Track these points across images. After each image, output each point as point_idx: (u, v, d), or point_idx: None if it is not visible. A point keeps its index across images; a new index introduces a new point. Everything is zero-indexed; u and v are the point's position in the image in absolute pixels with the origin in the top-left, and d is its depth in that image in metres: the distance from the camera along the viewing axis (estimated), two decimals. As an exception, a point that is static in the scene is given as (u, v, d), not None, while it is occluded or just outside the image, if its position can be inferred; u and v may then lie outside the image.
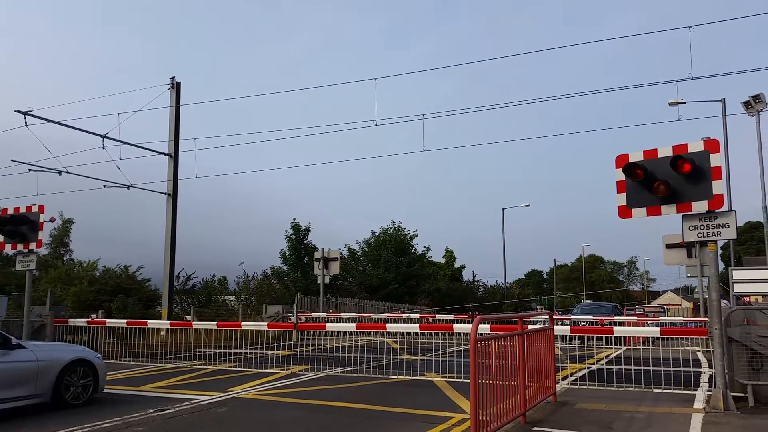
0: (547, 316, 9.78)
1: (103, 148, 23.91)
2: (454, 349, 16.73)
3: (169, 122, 26.88)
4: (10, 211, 15.30)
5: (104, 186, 25.39)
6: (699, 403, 9.08)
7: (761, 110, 23.44)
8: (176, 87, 26.92)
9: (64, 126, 23.83)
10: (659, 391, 10.30)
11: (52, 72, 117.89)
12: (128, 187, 25.69)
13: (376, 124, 20.83)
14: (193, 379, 12.67)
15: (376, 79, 20.20)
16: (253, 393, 10.76)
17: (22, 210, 15.06)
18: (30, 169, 24.10)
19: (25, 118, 22.31)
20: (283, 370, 13.69)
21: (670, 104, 22.58)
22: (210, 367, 14.61)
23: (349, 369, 13.56)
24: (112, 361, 15.41)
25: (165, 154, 26.70)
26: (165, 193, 26.54)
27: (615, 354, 14.73)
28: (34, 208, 14.95)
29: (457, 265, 55.15)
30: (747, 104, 23.52)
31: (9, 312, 20.02)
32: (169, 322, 16.96)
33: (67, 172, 24.14)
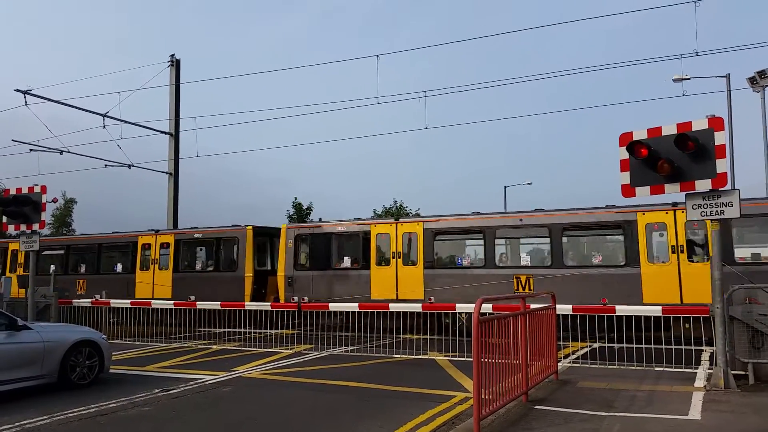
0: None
1: (104, 127, 23.90)
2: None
3: (169, 101, 26.77)
4: (13, 192, 15.32)
5: (105, 165, 25.45)
6: (700, 382, 9.14)
7: (767, 86, 23.21)
8: (176, 64, 26.74)
9: (65, 105, 23.78)
10: (660, 369, 10.36)
11: (51, 50, 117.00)
12: (129, 166, 25.71)
13: (378, 102, 20.76)
14: (198, 358, 12.79)
15: (377, 55, 20.06)
16: (258, 372, 10.85)
17: (25, 191, 15.06)
18: (31, 149, 24.13)
19: (24, 97, 22.28)
20: (288, 349, 13.79)
21: (675, 80, 22.42)
22: (214, 346, 14.72)
23: (352, 348, 13.66)
24: (117, 341, 15.53)
25: (166, 133, 26.65)
26: (166, 173, 26.54)
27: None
28: (37, 189, 14.95)
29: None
30: (752, 80, 23.28)
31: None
32: (173, 302, 17.04)
33: (68, 152, 24.16)
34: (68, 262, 23.68)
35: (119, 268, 22.37)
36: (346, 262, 18.39)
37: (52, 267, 22.69)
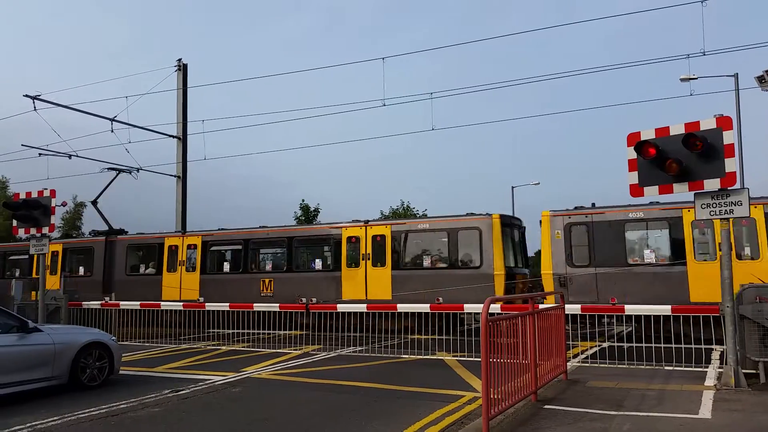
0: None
1: (112, 131, 24.11)
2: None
3: (176, 105, 26.92)
4: (23, 196, 15.44)
5: (112, 169, 25.52)
6: (710, 380, 9.10)
7: (775, 84, 23.03)
8: (183, 69, 26.90)
9: (73, 110, 23.94)
10: (670, 368, 10.32)
11: (60, 55, 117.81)
12: (137, 170, 25.82)
13: (384, 104, 20.73)
14: (207, 359, 12.84)
15: (383, 58, 20.06)
16: (267, 373, 10.89)
17: (34, 195, 15.18)
18: (40, 154, 24.31)
19: (33, 102, 22.47)
20: (296, 350, 13.83)
21: (682, 80, 22.27)
22: (223, 347, 14.78)
23: (360, 348, 13.67)
24: (127, 343, 15.61)
25: (173, 137, 26.79)
26: (174, 176, 26.67)
27: (626, 331, 14.78)
28: (46, 193, 15.07)
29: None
30: (761, 79, 23.11)
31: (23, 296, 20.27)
32: (182, 303, 17.12)
33: (77, 156, 24.34)
34: (247, 256, 20.77)
35: (318, 264, 19.71)
36: (648, 257, 15.06)
37: (226, 264, 21.04)
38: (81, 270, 23.66)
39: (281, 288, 19.40)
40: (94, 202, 25.00)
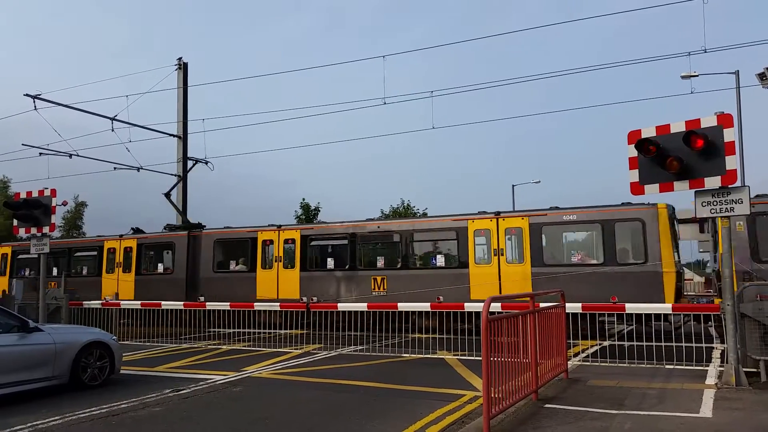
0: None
1: (112, 130, 24.05)
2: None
3: (177, 103, 26.90)
4: (23, 195, 15.44)
5: (114, 168, 25.57)
6: (711, 379, 9.08)
7: (776, 82, 22.99)
8: (183, 68, 26.88)
9: (73, 109, 23.93)
10: (671, 367, 10.31)
11: (60, 55, 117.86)
12: (138, 169, 25.82)
13: (385, 103, 20.70)
14: (208, 359, 12.84)
15: (383, 56, 20.04)
16: (267, 372, 10.89)
17: (35, 194, 15.17)
18: (41, 153, 24.27)
19: (34, 101, 22.43)
20: (297, 349, 13.83)
21: (683, 77, 22.24)
22: (224, 346, 14.78)
23: (361, 347, 13.67)
24: (127, 343, 15.62)
25: (174, 136, 26.78)
26: (175, 175, 26.65)
27: (627, 330, 14.76)
28: (47, 192, 15.06)
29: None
30: (762, 76, 23.07)
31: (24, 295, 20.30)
32: (182, 303, 17.12)
33: (78, 155, 24.30)
34: (354, 251, 19.14)
35: (439, 261, 18.13)
36: None
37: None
38: (159, 267, 22.08)
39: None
40: (167, 195, 24.25)
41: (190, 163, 25.32)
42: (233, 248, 21.16)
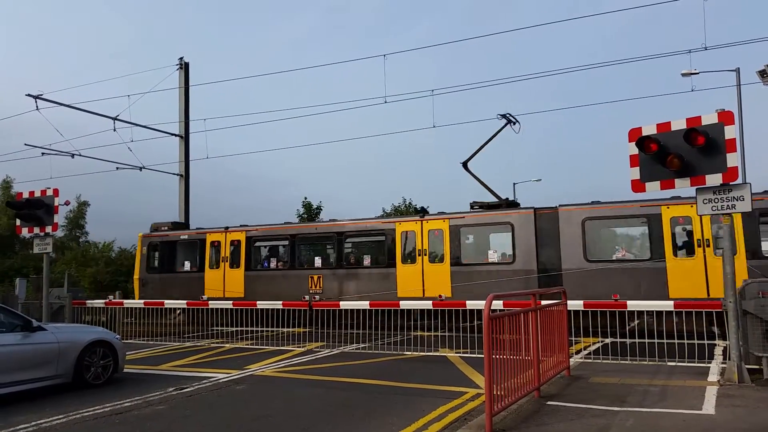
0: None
1: (114, 130, 24.13)
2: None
3: (178, 103, 26.95)
4: (26, 195, 15.49)
5: (117, 168, 25.65)
6: (713, 376, 9.10)
7: (777, 79, 22.96)
8: (185, 67, 26.93)
9: (75, 109, 24.00)
10: (673, 364, 10.32)
11: (61, 54, 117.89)
12: (140, 168, 25.89)
13: (386, 102, 20.74)
14: (211, 357, 12.87)
15: (384, 55, 20.07)
16: (270, 370, 10.92)
17: (38, 194, 15.22)
18: (43, 153, 24.35)
19: (36, 101, 22.52)
20: (299, 347, 13.86)
21: (683, 75, 22.23)
22: (227, 345, 14.82)
23: (363, 345, 13.69)
24: (131, 341, 15.66)
25: (176, 135, 26.83)
26: (177, 174, 26.71)
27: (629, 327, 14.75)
28: (49, 192, 15.11)
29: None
30: (762, 73, 23.05)
31: (27, 294, 20.34)
32: (185, 302, 17.16)
33: (80, 155, 24.37)
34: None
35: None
36: None
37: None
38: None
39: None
40: (465, 164, 19.64)
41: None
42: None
